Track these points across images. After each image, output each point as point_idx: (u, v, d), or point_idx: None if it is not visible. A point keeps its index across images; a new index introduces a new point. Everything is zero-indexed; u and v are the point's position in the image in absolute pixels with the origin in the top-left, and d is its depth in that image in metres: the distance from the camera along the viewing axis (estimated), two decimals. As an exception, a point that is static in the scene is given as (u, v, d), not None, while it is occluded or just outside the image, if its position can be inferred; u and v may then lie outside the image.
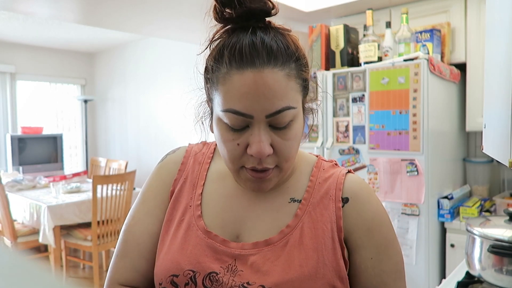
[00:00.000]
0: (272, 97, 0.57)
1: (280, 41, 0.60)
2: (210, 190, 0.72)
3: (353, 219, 0.65)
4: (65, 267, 3.35)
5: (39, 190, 3.64)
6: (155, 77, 4.71)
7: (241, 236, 0.67)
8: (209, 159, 0.75)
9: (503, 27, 0.86)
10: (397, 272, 0.67)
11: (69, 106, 5.53)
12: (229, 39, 0.60)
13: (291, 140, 0.62)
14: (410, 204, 1.93)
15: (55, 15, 2.81)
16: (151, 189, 0.74)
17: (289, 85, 0.59)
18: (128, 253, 0.70)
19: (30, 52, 5.09)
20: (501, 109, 0.85)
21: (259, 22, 0.61)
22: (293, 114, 0.60)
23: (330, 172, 0.70)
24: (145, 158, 4.91)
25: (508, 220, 1.22)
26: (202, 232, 0.67)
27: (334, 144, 2.17)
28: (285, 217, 0.67)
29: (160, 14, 2.72)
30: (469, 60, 2.19)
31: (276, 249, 0.63)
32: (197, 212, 0.69)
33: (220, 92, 0.60)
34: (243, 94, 0.57)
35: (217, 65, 0.60)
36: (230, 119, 0.59)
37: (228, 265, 0.63)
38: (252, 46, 0.57)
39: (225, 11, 0.59)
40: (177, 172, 0.74)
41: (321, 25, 2.30)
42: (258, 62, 0.57)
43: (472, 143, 2.47)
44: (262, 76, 0.57)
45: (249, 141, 0.60)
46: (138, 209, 0.73)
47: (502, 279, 1.14)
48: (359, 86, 2.07)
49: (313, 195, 0.68)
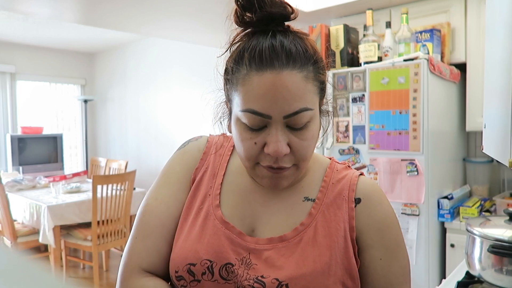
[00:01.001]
0: (290, 98, 0.59)
1: (299, 45, 0.61)
2: (229, 181, 0.73)
3: (364, 219, 0.67)
4: (65, 267, 3.35)
5: (39, 190, 3.64)
6: (155, 77, 4.71)
7: (256, 230, 0.68)
8: (230, 151, 0.76)
9: (503, 27, 0.86)
10: (404, 276, 0.68)
11: (69, 106, 5.53)
12: (249, 42, 0.62)
13: (308, 141, 0.63)
14: (410, 204, 1.93)
15: (55, 15, 2.81)
16: (175, 173, 0.74)
17: (306, 87, 0.61)
18: (150, 235, 0.68)
19: (30, 52, 5.09)
20: (501, 109, 0.85)
21: (278, 26, 0.62)
22: (310, 115, 0.62)
23: (343, 173, 0.72)
24: (145, 158, 4.91)
25: (508, 220, 1.22)
26: (220, 221, 0.68)
27: (334, 144, 2.17)
28: (299, 215, 0.68)
29: (160, 14, 2.72)
30: (469, 60, 2.19)
31: (290, 245, 0.65)
32: (215, 202, 0.70)
33: (239, 93, 0.61)
34: (262, 95, 0.59)
35: (237, 67, 0.62)
36: (249, 119, 0.61)
37: (242, 257, 0.65)
38: (272, 48, 0.59)
39: (246, 15, 0.61)
40: (199, 161, 0.75)
41: (321, 25, 2.30)
42: (278, 64, 0.59)
43: (472, 143, 2.47)
44: (281, 77, 0.58)
45: (267, 141, 0.61)
46: (162, 191, 0.72)
47: (502, 279, 1.14)
48: (359, 86, 2.07)
49: (327, 195, 0.69)
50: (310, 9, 2.53)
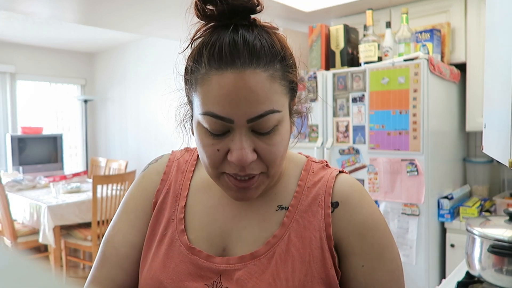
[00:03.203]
0: (254, 100, 0.53)
1: (265, 40, 0.56)
2: (194, 201, 0.68)
3: (343, 224, 0.61)
4: (65, 267, 3.35)
5: (39, 190, 3.64)
6: (155, 77, 4.71)
7: (228, 249, 0.63)
8: (193, 166, 0.71)
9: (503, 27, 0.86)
10: (393, 281, 0.62)
11: (69, 106, 5.53)
12: (209, 38, 0.56)
13: (276, 146, 0.57)
14: (410, 204, 1.93)
15: (55, 15, 2.81)
16: (133, 199, 0.70)
17: (273, 87, 0.55)
18: (106, 263, 0.66)
19: (30, 52, 5.09)
20: (501, 109, 0.85)
21: (243, 19, 0.56)
22: (277, 118, 0.56)
23: (320, 175, 0.66)
24: (145, 158, 4.91)
25: (508, 220, 1.22)
26: (186, 248, 0.63)
27: (334, 144, 2.17)
28: (272, 226, 0.63)
29: (160, 14, 2.72)
30: (469, 60, 2.19)
31: (262, 262, 0.60)
32: (180, 227, 0.65)
33: (198, 94, 0.56)
34: (222, 97, 0.53)
35: (196, 66, 0.57)
36: (210, 123, 0.55)
37: (213, 282, 0.60)
38: (233, 44, 0.53)
39: (207, 8, 0.56)
40: (160, 182, 0.70)
41: (321, 25, 2.30)
42: (239, 62, 0.53)
43: (472, 143, 2.47)
44: (243, 77, 0.53)
45: (230, 147, 0.56)
46: (119, 220, 0.69)
47: (502, 279, 1.14)
48: (359, 86, 2.07)
49: (301, 201, 0.63)
50: (310, 9, 2.53)
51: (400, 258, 0.65)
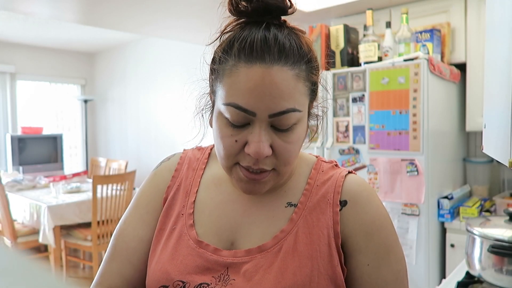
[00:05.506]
0: (278, 96, 0.55)
1: (294, 40, 0.58)
2: (204, 197, 0.69)
3: (351, 222, 0.62)
4: (65, 267, 3.35)
5: (39, 190, 3.64)
6: (155, 77, 4.71)
7: (236, 243, 0.64)
8: (204, 164, 0.73)
9: (503, 27, 0.86)
10: (398, 282, 0.62)
11: (69, 106, 5.53)
12: (240, 32, 0.58)
13: (293, 144, 0.59)
14: (410, 204, 1.93)
15: (55, 15, 2.81)
16: (144, 195, 0.73)
17: (297, 86, 0.57)
18: (115, 258, 0.68)
19: (30, 52, 5.09)
20: (501, 109, 0.85)
21: (274, 19, 0.59)
22: (297, 117, 0.58)
23: (329, 174, 0.67)
24: (145, 158, 4.91)
25: (508, 220, 1.22)
26: (194, 241, 0.65)
27: (334, 144, 2.17)
28: (280, 222, 0.64)
29: (160, 14, 2.72)
30: (469, 60, 2.19)
31: (269, 255, 0.61)
32: (189, 221, 0.67)
33: (224, 85, 0.58)
34: (248, 89, 0.55)
35: (225, 56, 0.58)
36: (232, 113, 0.57)
37: (220, 274, 0.61)
38: (264, 40, 0.56)
39: (241, 4, 0.58)
40: (171, 179, 0.72)
41: (321, 25, 2.30)
42: (268, 58, 0.55)
43: (472, 143, 2.47)
44: (271, 73, 0.55)
45: (248, 139, 0.57)
46: (130, 214, 0.71)
47: (502, 279, 1.14)
48: (359, 86, 2.07)
49: (310, 198, 0.65)
50: (310, 9, 2.53)
51: (405, 259, 0.66)
